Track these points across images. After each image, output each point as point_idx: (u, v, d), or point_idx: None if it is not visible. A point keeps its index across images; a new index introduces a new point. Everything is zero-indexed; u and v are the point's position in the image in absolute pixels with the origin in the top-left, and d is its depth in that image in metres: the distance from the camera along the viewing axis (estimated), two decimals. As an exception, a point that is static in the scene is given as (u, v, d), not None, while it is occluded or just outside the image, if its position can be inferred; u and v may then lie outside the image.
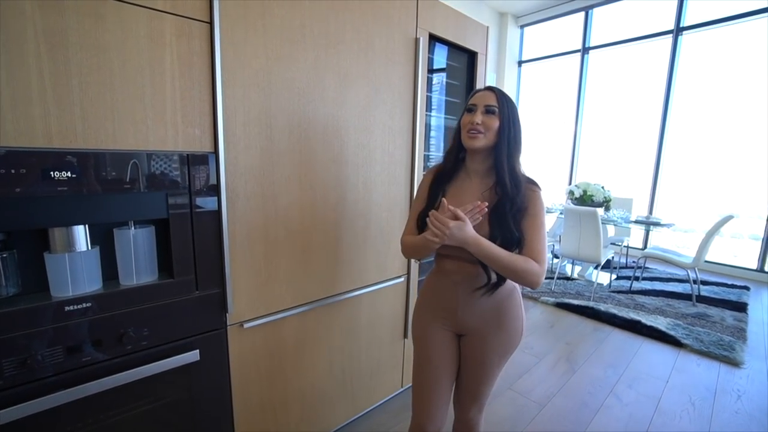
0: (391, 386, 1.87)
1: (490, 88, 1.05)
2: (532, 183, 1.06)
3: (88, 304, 0.97)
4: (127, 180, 0.97)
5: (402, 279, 1.75)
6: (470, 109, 1.05)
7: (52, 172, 0.86)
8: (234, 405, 1.28)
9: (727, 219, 3.12)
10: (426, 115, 1.94)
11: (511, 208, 1.00)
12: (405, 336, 1.85)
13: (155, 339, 1.08)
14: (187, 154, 1.05)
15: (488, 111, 1.02)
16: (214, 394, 1.22)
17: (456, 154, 1.12)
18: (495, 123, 1.02)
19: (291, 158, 1.27)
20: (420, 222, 1.11)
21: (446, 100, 1.99)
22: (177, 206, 1.06)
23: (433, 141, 2.04)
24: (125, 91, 0.94)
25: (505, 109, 1.03)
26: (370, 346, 1.70)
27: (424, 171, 1.97)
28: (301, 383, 1.46)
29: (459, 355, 1.16)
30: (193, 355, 1.13)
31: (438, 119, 2.01)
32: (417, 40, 1.57)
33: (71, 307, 0.94)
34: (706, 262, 4.04)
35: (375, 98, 1.48)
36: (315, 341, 1.48)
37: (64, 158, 0.87)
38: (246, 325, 1.25)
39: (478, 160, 1.08)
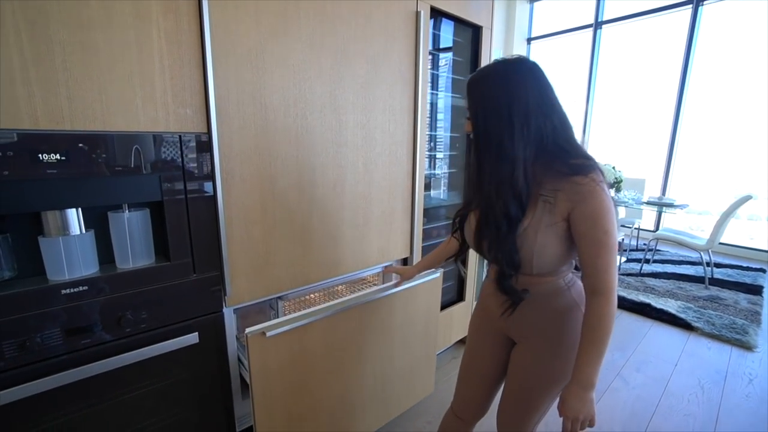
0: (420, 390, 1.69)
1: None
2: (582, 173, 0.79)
3: (85, 288, 0.97)
4: (118, 162, 0.95)
5: (438, 274, 1.56)
6: None
7: (40, 155, 0.85)
8: (232, 388, 1.28)
9: (745, 199, 3.02)
10: (432, 93, 1.88)
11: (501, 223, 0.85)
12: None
13: (154, 322, 1.08)
14: (180, 135, 1.03)
15: (467, 117, 0.88)
16: (214, 375, 1.23)
17: None
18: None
19: (288, 138, 1.24)
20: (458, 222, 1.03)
21: (452, 78, 1.92)
22: (171, 188, 1.04)
23: (441, 123, 1.98)
24: (112, 71, 0.91)
25: (474, 106, 0.84)
26: (402, 348, 1.53)
27: (427, 151, 1.92)
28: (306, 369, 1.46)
29: (506, 359, 1.07)
30: (192, 338, 1.14)
31: (446, 98, 1.95)
32: (417, 14, 1.51)
33: (68, 291, 0.94)
34: (720, 244, 3.94)
35: (374, 76, 1.43)
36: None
37: (51, 140, 0.86)
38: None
39: None
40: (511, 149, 0.80)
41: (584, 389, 0.81)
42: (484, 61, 1.91)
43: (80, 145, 0.89)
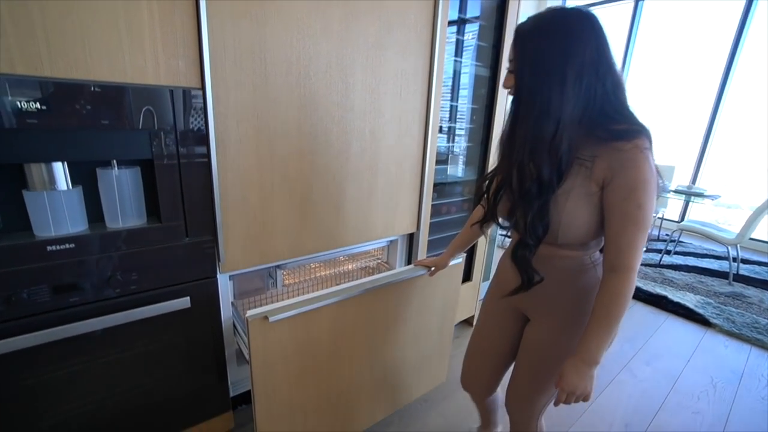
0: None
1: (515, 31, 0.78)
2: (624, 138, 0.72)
3: (72, 245, 0.93)
4: (104, 115, 0.89)
5: (460, 260, 1.42)
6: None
7: (18, 102, 0.79)
8: (226, 354, 1.27)
9: (783, 193, 2.81)
10: (456, 61, 1.75)
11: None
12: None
13: (144, 284, 1.05)
14: (171, 89, 0.96)
15: (510, 70, 0.79)
16: (207, 341, 1.22)
17: None
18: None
19: (289, 99, 1.16)
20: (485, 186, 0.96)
21: (476, 45, 1.78)
22: (161, 146, 0.99)
23: (464, 95, 1.85)
24: (94, 15, 0.83)
25: (522, 59, 0.75)
26: (416, 337, 1.45)
27: (446, 122, 1.81)
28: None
29: (517, 336, 1.03)
30: (184, 302, 1.11)
31: (472, 67, 1.81)
32: (439, -32, 1.37)
33: (54, 248, 0.91)
34: (750, 239, 3.72)
35: (387, 35, 1.31)
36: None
37: (30, 87, 0.80)
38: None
39: None
40: (559, 108, 0.71)
41: (587, 364, 0.77)
42: (510, 31, 1.74)
43: (62, 93, 0.83)
